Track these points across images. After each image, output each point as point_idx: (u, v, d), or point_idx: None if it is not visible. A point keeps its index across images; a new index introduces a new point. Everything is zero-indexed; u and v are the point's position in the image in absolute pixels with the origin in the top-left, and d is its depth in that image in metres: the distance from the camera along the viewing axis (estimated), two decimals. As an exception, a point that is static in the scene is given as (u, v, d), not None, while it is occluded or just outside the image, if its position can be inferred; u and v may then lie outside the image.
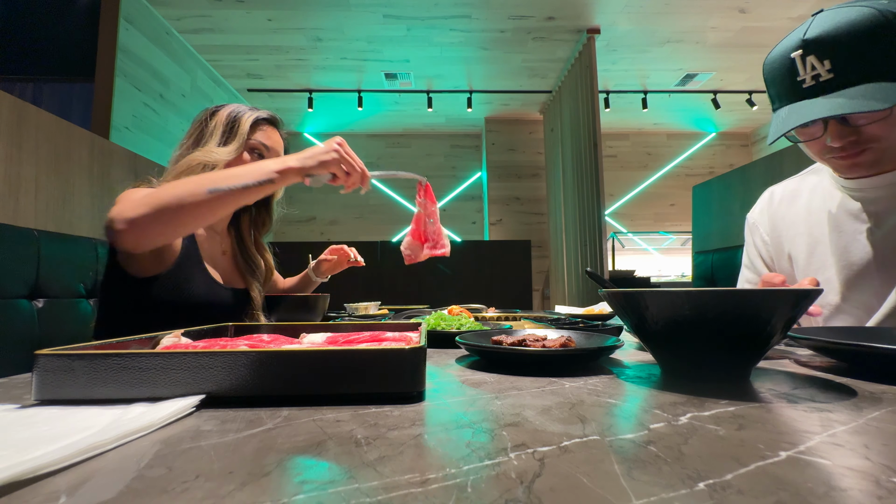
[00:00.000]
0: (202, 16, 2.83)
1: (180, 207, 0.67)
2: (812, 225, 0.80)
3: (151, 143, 2.74)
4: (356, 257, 1.17)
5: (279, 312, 0.93)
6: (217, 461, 0.24)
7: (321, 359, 0.36)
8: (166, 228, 0.69)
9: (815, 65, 0.62)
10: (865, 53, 0.59)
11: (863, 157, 0.67)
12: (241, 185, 0.69)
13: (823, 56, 0.61)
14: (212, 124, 0.89)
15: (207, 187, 0.67)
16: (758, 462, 0.23)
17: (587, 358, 0.51)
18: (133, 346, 0.43)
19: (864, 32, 0.58)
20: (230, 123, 0.90)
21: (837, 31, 0.60)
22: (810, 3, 2.75)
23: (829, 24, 0.60)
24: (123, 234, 0.66)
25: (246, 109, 0.93)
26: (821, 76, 0.62)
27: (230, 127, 0.89)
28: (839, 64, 0.60)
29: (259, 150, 0.92)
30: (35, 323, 0.91)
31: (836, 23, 0.60)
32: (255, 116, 0.92)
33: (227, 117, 0.90)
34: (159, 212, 0.66)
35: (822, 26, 0.61)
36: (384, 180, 0.86)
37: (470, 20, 2.92)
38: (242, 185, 0.69)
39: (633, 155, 4.74)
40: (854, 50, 0.59)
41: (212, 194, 0.67)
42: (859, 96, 0.58)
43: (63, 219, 1.03)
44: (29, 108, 0.95)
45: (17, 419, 0.30)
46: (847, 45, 0.59)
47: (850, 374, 0.44)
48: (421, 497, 0.20)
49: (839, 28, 0.60)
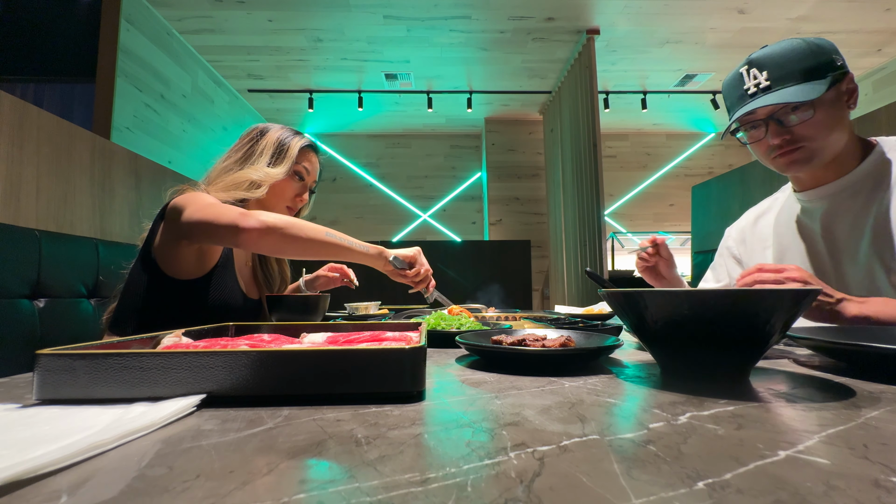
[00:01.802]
0: (203, 16, 2.83)
1: (302, 236, 0.80)
2: (780, 235, 0.94)
3: (152, 143, 2.74)
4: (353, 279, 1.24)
5: (279, 312, 0.93)
6: (218, 460, 0.24)
7: (321, 359, 0.36)
8: (282, 244, 0.80)
9: (756, 75, 0.78)
10: (794, 65, 0.75)
11: (797, 154, 0.79)
12: (348, 243, 0.86)
13: (762, 69, 0.78)
14: (262, 144, 0.98)
15: (326, 232, 0.83)
16: (757, 461, 0.23)
17: (587, 358, 0.51)
18: (134, 345, 0.43)
19: (794, 52, 0.75)
20: (279, 147, 0.99)
21: (773, 52, 0.77)
22: (810, 4, 2.75)
23: (767, 49, 0.78)
24: (252, 231, 0.76)
25: (292, 134, 1.02)
26: (761, 83, 0.78)
27: (279, 150, 0.99)
28: (774, 73, 0.76)
29: (301, 174, 1.03)
30: (36, 323, 0.91)
31: (773, 48, 0.78)
32: (302, 143, 1.02)
33: (277, 140, 0.99)
34: (286, 229, 0.79)
35: (763, 50, 0.79)
36: None
37: (470, 21, 2.92)
38: (349, 244, 0.86)
39: (632, 155, 4.74)
40: (786, 63, 0.76)
41: (327, 238, 0.83)
42: (790, 92, 0.74)
43: (64, 219, 1.03)
44: (30, 109, 0.95)
45: (18, 419, 0.30)
46: (780, 60, 0.76)
47: (849, 374, 0.44)
48: (421, 496, 0.20)
49: (774, 51, 0.77)
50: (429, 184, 4.75)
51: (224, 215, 0.77)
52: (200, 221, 0.78)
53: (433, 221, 4.71)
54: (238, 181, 0.92)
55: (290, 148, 0.99)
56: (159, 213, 0.89)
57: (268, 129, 1.01)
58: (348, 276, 1.23)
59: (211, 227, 0.78)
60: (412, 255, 0.96)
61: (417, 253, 0.97)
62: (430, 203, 4.72)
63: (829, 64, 0.75)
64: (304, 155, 1.02)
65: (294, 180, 1.01)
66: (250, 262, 1.07)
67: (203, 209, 0.79)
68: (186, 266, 0.86)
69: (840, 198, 0.81)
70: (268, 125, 1.02)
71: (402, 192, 4.71)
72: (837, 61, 0.75)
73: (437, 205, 4.72)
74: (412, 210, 4.70)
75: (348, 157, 4.72)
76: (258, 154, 0.97)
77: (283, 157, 0.98)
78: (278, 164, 0.97)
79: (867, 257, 0.78)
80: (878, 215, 0.77)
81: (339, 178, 4.67)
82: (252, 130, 1.01)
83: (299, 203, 1.04)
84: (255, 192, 0.92)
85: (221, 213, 0.78)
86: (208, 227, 0.78)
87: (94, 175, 1.13)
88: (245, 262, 1.04)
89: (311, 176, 1.04)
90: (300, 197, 1.03)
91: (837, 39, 3.15)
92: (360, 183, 4.70)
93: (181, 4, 2.71)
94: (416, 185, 4.74)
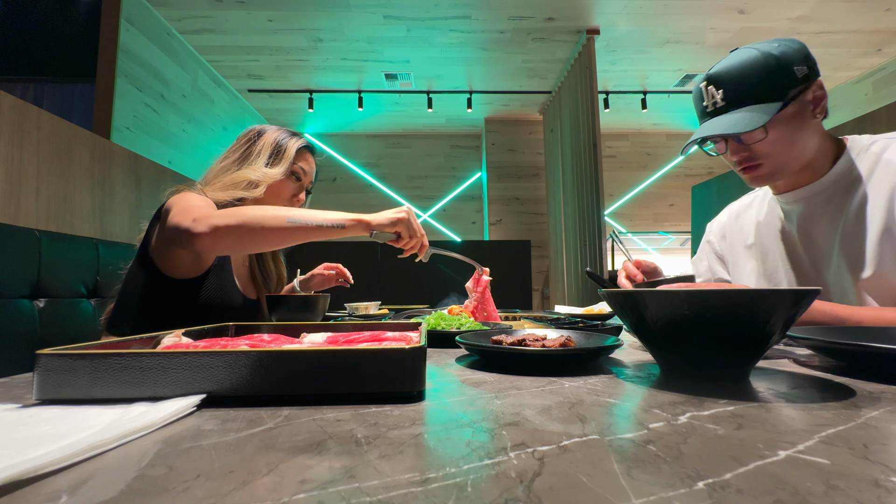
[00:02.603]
0: (203, 16, 2.83)
1: (261, 228, 0.73)
2: (762, 236, 0.93)
3: (152, 143, 2.74)
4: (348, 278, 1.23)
5: (279, 312, 0.93)
6: (218, 460, 0.24)
7: (321, 359, 0.36)
8: (241, 242, 0.75)
9: (713, 94, 0.77)
10: (749, 86, 0.73)
11: (759, 171, 0.79)
12: (316, 223, 0.76)
13: (719, 87, 0.76)
14: (259, 145, 0.98)
15: (288, 217, 0.74)
16: (757, 461, 0.23)
17: (587, 358, 0.51)
18: (134, 345, 0.43)
19: (747, 68, 0.73)
20: (277, 147, 0.99)
21: (730, 67, 0.75)
22: (810, 4, 2.75)
23: (725, 63, 0.76)
24: (204, 236, 0.71)
25: (289, 135, 1.02)
26: (717, 102, 0.77)
27: (277, 150, 0.98)
28: (729, 93, 0.75)
29: (298, 174, 1.02)
30: (36, 323, 0.91)
31: (730, 61, 0.76)
32: (299, 144, 1.02)
33: (275, 141, 0.99)
34: (241, 226, 0.72)
35: (722, 64, 0.76)
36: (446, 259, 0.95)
37: (470, 21, 2.92)
38: (317, 224, 0.76)
39: (632, 155, 4.74)
40: (741, 81, 0.74)
41: (290, 224, 0.74)
42: (738, 119, 0.73)
43: (64, 219, 1.03)
44: (30, 109, 0.95)
45: (18, 419, 0.30)
46: (737, 79, 0.74)
47: (849, 374, 0.44)
48: (421, 496, 0.20)
49: (731, 66, 0.75)
50: (429, 184, 4.75)
51: (182, 220, 0.73)
52: (170, 228, 0.76)
53: (433, 221, 4.71)
54: (236, 181, 0.92)
55: (288, 149, 0.99)
56: (155, 214, 0.89)
57: (265, 130, 1.01)
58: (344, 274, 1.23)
59: (174, 233, 0.74)
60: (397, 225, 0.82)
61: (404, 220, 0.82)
62: (430, 203, 4.72)
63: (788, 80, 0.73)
64: (302, 156, 1.02)
65: (291, 181, 1.01)
66: (247, 261, 1.07)
67: (175, 214, 0.76)
68: (183, 266, 0.86)
69: (815, 201, 0.81)
70: (265, 126, 1.02)
71: (402, 192, 4.71)
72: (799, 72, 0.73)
73: (437, 205, 4.72)
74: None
75: (348, 157, 4.72)
76: (256, 154, 0.97)
77: (281, 157, 0.98)
78: (276, 164, 0.97)
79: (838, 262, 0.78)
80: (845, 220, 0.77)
81: (339, 178, 4.67)
82: (249, 131, 1.01)
83: (296, 203, 1.04)
84: (253, 192, 0.92)
85: (181, 219, 0.74)
86: (174, 232, 0.75)
87: (94, 175, 1.13)
88: (242, 261, 1.04)
89: (307, 177, 1.04)
90: (297, 197, 1.03)
91: (837, 39, 3.15)
92: (360, 183, 4.70)
93: (181, 4, 2.71)
94: (416, 185, 4.74)
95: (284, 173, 0.97)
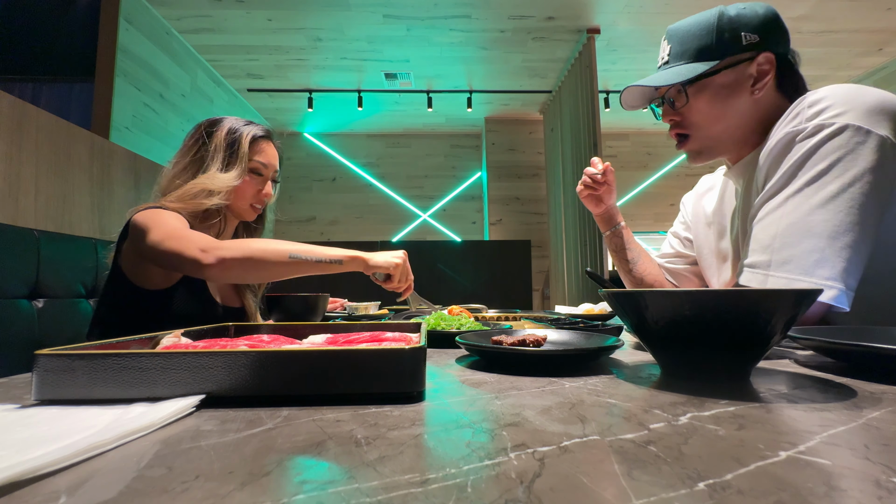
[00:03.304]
0: (202, 16, 2.82)
1: (263, 262, 0.77)
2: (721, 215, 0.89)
3: (151, 143, 2.74)
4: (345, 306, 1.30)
5: (279, 312, 0.93)
6: (217, 461, 0.24)
7: (321, 359, 0.36)
8: (245, 274, 0.80)
9: (664, 47, 0.75)
10: (692, 42, 0.70)
11: (687, 144, 0.76)
12: (316, 258, 0.80)
13: (669, 42, 0.74)
14: (211, 146, 0.92)
15: (290, 253, 0.79)
16: (758, 462, 0.23)
17: (587, 358, 0.51)
18: (133, 346, 0.43)
19: (699, 26, 0.70)
20: (230, 145, 0.92)
21: (684, 24, 0.72)
22: (810, 3, 2.75)
23: (683, 21, 0.73)
24: (212, 267, 0.74)
25: (241, 126, 0.95)
26: (664, 57, 0.75)
27: (230, 150, 0.92)
28: (675, 48, 0.72)
29: (258, 170, 0.96)
30: (35, 323, 0.91)
31: (688, 19, 0.72)
32: (252, 134, 0.95)
33: (227, 138, 0.92)
34: (246, 260, 0.76)
35: (679, 22, 0.73)
36: None
37: (470, 20, 2.92)
38: (316, 259, 0.80)
39: (633, 155, 4.74)
40: (687, 38, 0.71)
41: (291, 259, 0.78)
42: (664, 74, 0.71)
43: (63, 219, 1.03)
44: (29, 108, 0.95)
45: (17, 419, 0.30)
46: (684, 34, 0.71)
47: (850, 374, 0.44)
48: (421, 497, 0.20)
49: (687, 22, 0.72)
50: (429, 184, 4.75)
51: (187, 250, 0.75)
52: (167, 253, 0.76)
53: (433, 221, 4.70)
54: (193, 191, 0.87)
55: (241, 145, 0.92)
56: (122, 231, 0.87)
57: (214, 126, 0.94)
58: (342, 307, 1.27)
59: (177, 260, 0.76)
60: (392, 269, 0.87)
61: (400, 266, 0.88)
62: (430, 203, 4.72)
63: (730, 44, 0.67)
64: (257, 147, 0.95)
65: (253, 178, 0.95)
66: None
67: (167, 239, 0.77)
68: (154, 277, 0.85)
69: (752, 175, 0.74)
70: (214, 119, 0.95)
71: (401, 192, 4.71)
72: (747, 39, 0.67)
73: (437, 205, 4.72)
74: (412, 210, 4.70)
75: (348, 157, 4.71)
76: (210, 158, 0.91)
77: (236, 157, 0.92)
78: (231, 166, 0.91)
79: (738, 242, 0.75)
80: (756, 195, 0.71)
81: (338, 177, 4.67)
82: (197, 130, 0.94)
83: (264, 198, 0.99)
84: (213, 200, 0.88)
85: (184, 248, 0.75)
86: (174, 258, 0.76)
87: (93, 175, 1.12)
88: None
89: (268, 168, 0.98)
90: (262, 192, 0.98)
91: (838, 39, 3.15)
92: (360, 183, 4.70)
93: (180, 4, 2.71)
94: (416, 184, 4.73)
95: (241, 175, 0.92)
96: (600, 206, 1.02)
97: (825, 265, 0.57)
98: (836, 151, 0.59)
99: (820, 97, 0.62)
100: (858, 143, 0.58)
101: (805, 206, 0.60)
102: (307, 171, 4.60)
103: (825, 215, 0.58)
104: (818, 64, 3.51)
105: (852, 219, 0.57)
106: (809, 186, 0.60)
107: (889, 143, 0.58)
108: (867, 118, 0.58)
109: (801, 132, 0.62)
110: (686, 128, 0.74)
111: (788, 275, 0.60)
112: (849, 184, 0.58)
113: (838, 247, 0.57)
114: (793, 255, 0.60)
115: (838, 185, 0.58)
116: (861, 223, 0.57)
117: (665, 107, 0.75)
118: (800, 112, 0.63)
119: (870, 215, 0.58)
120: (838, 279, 0.57)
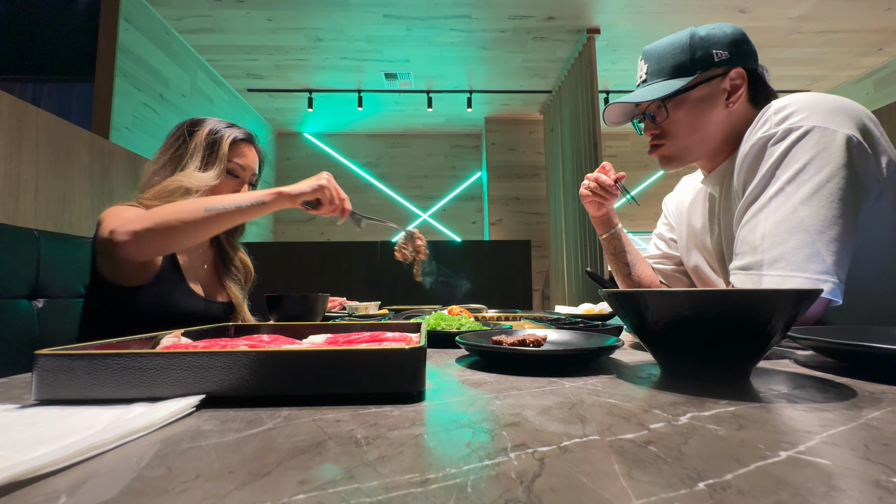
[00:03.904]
0: (202, 16, 2.83)
1: (180, 223, 0.73)
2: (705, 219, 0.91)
3: (151, 143, 2.74)
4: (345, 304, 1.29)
5: (279, 312, 0.93)
6: (217, 461, 0.24)
7: (321, 359, 0.36)
8: (164, 242, 0.76)
9: (641, 67, 0.80)
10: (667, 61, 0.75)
11: (659, 151, 0.80)
12: (235, 205, 0.77)
13: (646, 61, 0.79)
14: (192, 145, 0.92)
15: (205, 206, 0.75)
16: (758, 462, 0.23)
17: (587, 358, 0.51)
18: (133, 346, 0.43)
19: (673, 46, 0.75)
20: (210, 145, 0.93)
21: (659, 43, 0.77)
22: (810, 3, 2.75)
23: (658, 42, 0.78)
24: (125, 244, 0.71)
25: (223, 128, 0.95)
26: (642, 76, 0.80)
27: (210, 149, 0.92)
28: (652, 67, 0.77)
29: (235, 172, 0.96)
30: (35, 323, 0.91)
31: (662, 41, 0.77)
32: (232, 136, 0.95)
33: (207, 139, 0.93)
34: (160, 226, 0.72)
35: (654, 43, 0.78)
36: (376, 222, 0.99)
37: (470, 20, 2.92)
38: (236, 206, 0.77)
39: (633, 155, 4.74)
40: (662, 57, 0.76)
41: (208, 212, 0.75)
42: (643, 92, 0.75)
43: (63, 218, 1.03)
44: (29, 108, 0.95)
45: (17, 419, 0.30)
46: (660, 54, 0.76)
47: (850, 374, 0.44)
48: (421, 497, 0.20)
49: (661, 41, 0.77)
50: (429, 184, 4.75)
51: (102, 233, 0.73)
52: (97, 242, 0.75)
53: (433, 221, 4.71)
54: (170, 188, 0.87)
55: (221, 146, 0.93)
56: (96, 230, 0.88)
57: (196, 126, 0.94)
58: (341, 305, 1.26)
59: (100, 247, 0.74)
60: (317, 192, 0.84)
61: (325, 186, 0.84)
62: (430, 203, 4.72)
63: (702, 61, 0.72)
64: (237, 150, 0.96)
65: (230, 179, 0.95)
66: (209, 262, 1.02)
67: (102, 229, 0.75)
68: (127, 274, 0.84)
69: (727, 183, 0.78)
70: (197, 119, 0.96)
71: (402, 192, 4.71)
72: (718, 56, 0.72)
73: (437, 205, 4.72)
74: (412, 210, 4.70)
75: (348, 157, 4.72)
76: (189, 156, 0.91)
77: (215, 157, 0.92)
78: (210, 166, 0.92)
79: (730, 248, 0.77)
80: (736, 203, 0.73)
81: (338, 177, 4.66)
82: (179, 128, 0.95)
83: None
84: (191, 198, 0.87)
85: (101, 233, 0.74)
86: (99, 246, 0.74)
87: (93, 175, 1.12)
88: (202, 263, 1.00)
89: (246, 171, 0.98)
90: None
91: (838, 39, 3.15)
92: (360, 183, 4.70)
93: (180, 4, 2.71)
94: (416, 184, 4.73)
95: (219, 175, 0.92)
96: (601, 209, 1.03)
97: (816, 259, 0.59)
98: (810, 151, 0.61)
99: (785, 104, 0.66)
100: (828, 142, 0.61)
101: (788, 205, 0.62)
102: (307, 171, 4.60)
103: (809, 210, 0.60)
104: (818, 64, 3.52)
105: (835, 212, 0.59)
106: (789, 185, 0.62)
107: (855, 140, 0.61)
108: (831, 120, 0.62)
109: (772, 137, 0.64)
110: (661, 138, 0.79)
111: (781, 272, 0.60)
112: (826, 180, 0.60)
113: (826, 240, 0.59)
114: (783, 252, 0.61)
115: (816, 181, 0.60)
116: (843, 216, 0.59)
117: (647, 121, 0.80)
118: (768, 119, 0.66)
119: (849, 209, 0.60)
120: (831, 273, 0.58)
